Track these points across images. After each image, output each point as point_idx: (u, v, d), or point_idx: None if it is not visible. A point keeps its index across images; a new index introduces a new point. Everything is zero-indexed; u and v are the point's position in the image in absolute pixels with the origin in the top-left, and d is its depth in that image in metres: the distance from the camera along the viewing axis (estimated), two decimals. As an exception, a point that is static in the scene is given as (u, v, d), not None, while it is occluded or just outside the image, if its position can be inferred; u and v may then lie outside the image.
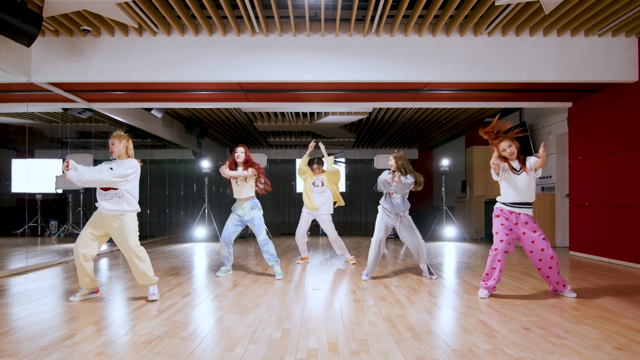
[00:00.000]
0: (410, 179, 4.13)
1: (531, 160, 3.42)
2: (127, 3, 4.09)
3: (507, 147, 3.44)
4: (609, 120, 5.44)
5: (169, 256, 6.03)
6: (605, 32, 4.79)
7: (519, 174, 3.45)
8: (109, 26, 4.70)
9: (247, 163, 4.41)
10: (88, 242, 3.30)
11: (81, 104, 5.94)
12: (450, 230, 8.24)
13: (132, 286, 3.87)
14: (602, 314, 2.93)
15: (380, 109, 8.19)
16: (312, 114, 8.92)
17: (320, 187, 5.25)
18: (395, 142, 12.60)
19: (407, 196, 4.34)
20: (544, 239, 3.38)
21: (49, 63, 4.86)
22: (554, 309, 3.08)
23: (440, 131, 10.51)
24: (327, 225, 5.20)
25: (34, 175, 7.39)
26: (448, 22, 4.74)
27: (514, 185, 3.45)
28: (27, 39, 4.01)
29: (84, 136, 8.14)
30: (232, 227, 4.43)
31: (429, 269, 4.32)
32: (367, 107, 6.72)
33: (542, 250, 3.37)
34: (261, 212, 4.51)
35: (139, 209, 3.46)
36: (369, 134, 11.02)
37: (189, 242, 8.01)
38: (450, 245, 7.38)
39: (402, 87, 5.41)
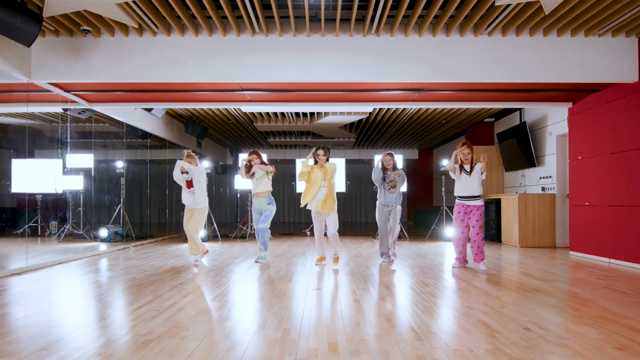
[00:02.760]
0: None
1: (478, 166, 4.77)
2: (127, 3, 4.09)
3: (467, 153, 4.80)
4: (609, 120, 5.43)
5: (169, 256, 6.03)
6: (605, 33, 4.79)
7: (468, 175, 4.79)
8: (109, 26, 4.70)
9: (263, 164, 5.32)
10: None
11: (81, 104, 5.94)
12: (450, 230, 8.23)
13: (132, 286, 3.88)
14: (602, 314, 2.93)
15: (380, 109, 8.20)
16: (312, 114, 8.92)
17: (323, 182, 5.01)
18: (395, 142, 12.60)
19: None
20: (480, 226, 4.78)
21: (49, 63, 4.86)
22: (554, 309, 3.08)
23: (440, 131, 10.51)
24: (333, 221, 5.00)
25: (34, 175, 7.39)
26: (448, 22, 4.74)
27: (465, 183, 4.81)
28: (27, 39, 4.01)
29: (84, 136, 8.15)
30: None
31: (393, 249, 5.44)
32: (367, 107, 6.72)
33: (477, 234, 4.78)
34: (275, 209, 5.30)
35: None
36: (369, 134, 11.02)
37: (189, 242, 8.00)
38: (450, 245, 7.38)
39: (402, 87, 5.41)
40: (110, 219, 8.24)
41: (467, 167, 4.82)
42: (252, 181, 5.34)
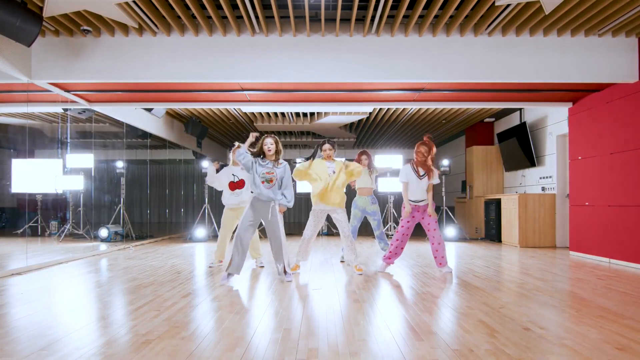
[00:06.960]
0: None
1: (434, 180, 4.44)
2: (127, 3, 4.09)
3: (425, 152, 4.41)
4: (609, 120, 5.43)
5: (169, 256, 6.03)
6: (605, 33, 4.79)
7: (421, 179, 4.44)
8: (109, 26, 4.69)
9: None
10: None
11: (81, 104, 5.94)
12: (450, 230, 8.24)
13: (132, 286, 3.88)
14: (602, 314, 2.93)
15: (380, 109, 8.19)
16: (312, 114, 8.92)
17: (334, 176, 4.43)
18: (395, 142, 12.60)
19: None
20: (435, 221, 4.49)
21: (49, 63, 4.86)
22: (554, 309, 3.08)
23: (440, 131, 10.51)
24: (344, 221, 4.49)
25: (34, 175, 7.39)
26: (448, 22, 4.74)
27: (417, 187, 4.43)
28: (27, 39, 4.01)
29: (84, 136, 8.15)
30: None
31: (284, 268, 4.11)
32: (367, 107, 6.72)
33: (434, 230, 4.48)
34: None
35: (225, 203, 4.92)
36: (369, 134, 11.02)
37: (189, 242, 8.00)
38: (450, 246, 7.38)
39: (402, 87, 5.41)
40: (110, 219, 8.24)
41: (420, 170, 4.47)
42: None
